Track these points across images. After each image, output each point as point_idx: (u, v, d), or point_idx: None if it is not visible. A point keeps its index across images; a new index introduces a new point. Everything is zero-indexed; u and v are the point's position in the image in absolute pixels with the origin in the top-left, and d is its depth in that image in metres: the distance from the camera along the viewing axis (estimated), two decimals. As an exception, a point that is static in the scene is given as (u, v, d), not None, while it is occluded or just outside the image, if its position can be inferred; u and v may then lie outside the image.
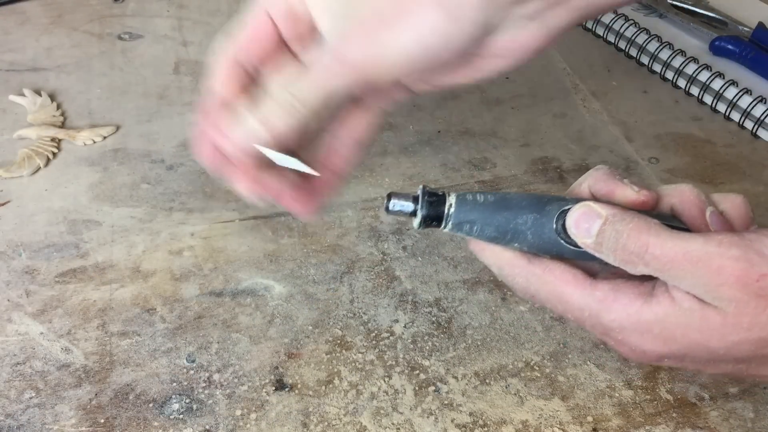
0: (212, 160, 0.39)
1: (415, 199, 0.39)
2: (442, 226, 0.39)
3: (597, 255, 0.38)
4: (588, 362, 0.53)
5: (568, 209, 0.38)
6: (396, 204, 0.40)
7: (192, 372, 0.51)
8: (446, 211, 0.39)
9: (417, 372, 0.52)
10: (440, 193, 0.39)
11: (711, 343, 0.36)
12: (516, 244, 0.39)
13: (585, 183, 0.41)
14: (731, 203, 0.40)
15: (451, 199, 0.39)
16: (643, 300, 0.37)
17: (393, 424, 0.49)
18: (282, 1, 0.38)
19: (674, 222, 0.40)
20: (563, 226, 0.38)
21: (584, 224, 0.37)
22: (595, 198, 0.41)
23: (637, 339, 0.37)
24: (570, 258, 0.39)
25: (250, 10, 0.40)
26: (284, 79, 0.36)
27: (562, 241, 0.38)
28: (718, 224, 0.39)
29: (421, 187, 0.40)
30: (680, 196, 0.40)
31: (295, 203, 0.41)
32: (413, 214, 0.40)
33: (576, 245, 0.38)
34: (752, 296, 0.34)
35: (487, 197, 0.39)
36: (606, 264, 0.38)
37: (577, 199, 0.39)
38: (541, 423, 0.49)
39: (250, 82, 0.39)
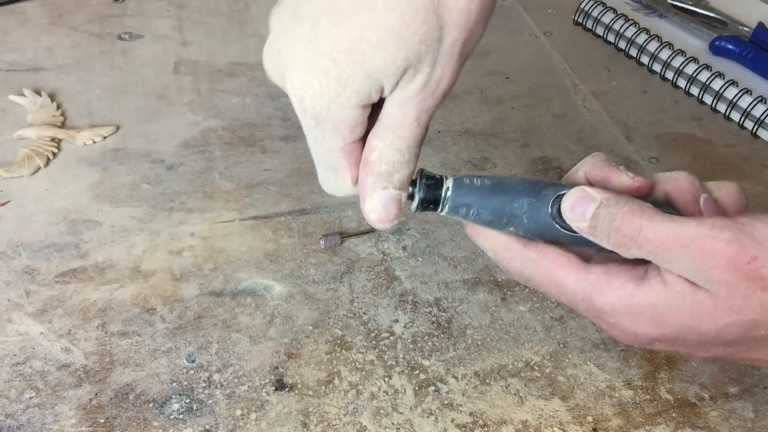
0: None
1: (413, 183, 0.40)
2: (439, 209, 0.40)
3: (591, 239, 0.38)
4: (588, 362, 0.53)
5: (564, 194, 0.38)
6: None
7: (192, 372, 0.51)
8: (443, 194, 0.39)
9: (417, 372, 0.52)
10: (438, 177, 0.39)
11: (702, 326, 0.36)
12: (512, 228, 0.40)
13: (581, 169, 0.42)
14: (725, 191, 0.41)
15: (448, 183, 0.39)
16: (636, 283, 0.37)
17: (393, 424, 0.49)
18: (355, 127, 0.39)
19: (668, 209, 0.40)
20: (558, 210, 0.38)
21: (579, 208, 0.37)
22: (590, 184, 0.41)
23: (629, 322, 0.38)
24: (565, 243, 0.40)
25: (331, 157, 0.41)
26: (387, 143, 0.39)
27: (557, 226, 0.39)
28: (712, 211, 0.40)
29: (418, 170, 0.40)
30: (675, 182, 0.41)
31: None
32: (411, 197, 0.40)
33: (571, 230, 0.38)
34: (743, 279, 0.34)
35: (484, 181, 0.39)
36: (600, 249, 0.39)
37: (573, 185, 0.39)
38: (541, 423, 0.49)
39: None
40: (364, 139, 0.40)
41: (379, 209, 0.39)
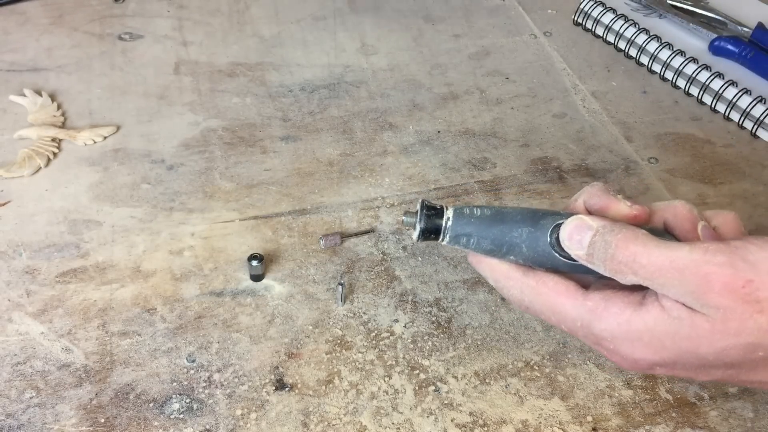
0: None
1: (414, 213, 0.41)
2: (440, 239, 0.41)
3: (589, 266, 0.39)
4: (588, 362, 0.53)
5: (562, 223, 0.39)
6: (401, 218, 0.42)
7: (192, 372, 0.51)
8: (444, 224, 0.40)
9: (417, 372, 0.52)
10: (438, 207, 0.41)
11: (700, 350, 0.36)
12: (511, 257, 0.41)
13: (580, 198, 0.43)
14: (723, 219, 0.41)
15: (449, 213, 0.40)
16: (633, 309, 0.38)
17: (393, 423, 0.49)
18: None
19: (667, 236, 0.41)
20: (557, 239, 0.39)
21: (576, 236, 0.38)
22: (589, 213, 0.42)
23: (627, 347, 0.38)
24: (564, 270, 0.40)
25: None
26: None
27: (556, 254, 0.40)
28: (710, 238, 0.40)
29: (420, 201, 0.41)
30: (673, 210, 0.41)
31: None
32: (412, 227, 0.41)
33: (569, 258, 0.39)
34: (739, 302, 0.35)
35: (484, 211, 0.40)
36: (599, 276, 0.39)
37: (571, 214, 0.40)
38: (540, 423, 0.49)
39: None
40: None
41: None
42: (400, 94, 0.77)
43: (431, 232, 0.41)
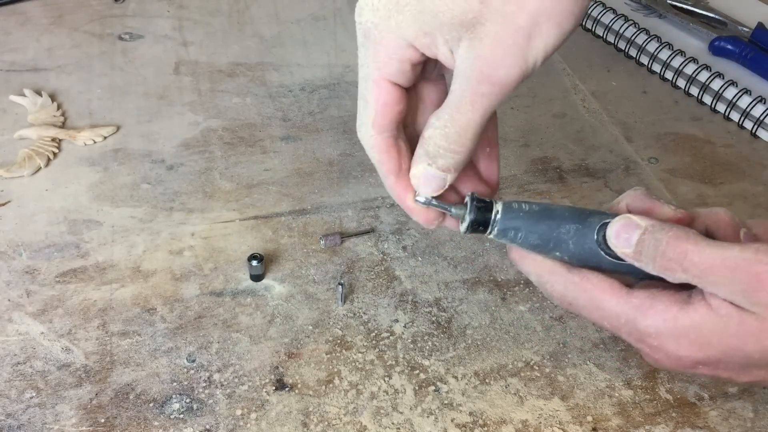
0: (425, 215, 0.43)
1: (464, 205, 0.42)
2: (488, 231, 0.41)
3: (636, 264, 0.39)
4: (588, 362, 0.53)
5: (609, 221, 0.40)
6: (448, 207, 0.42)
7: (192, 372, 0.51)
8: (493, 217, 0.41)
9: (417, 372, 0.52)
10: (487, 200, 0.41)
11: (747, 348, 0.37)
12: (557, 253, 0.41)
13: (623, 202, 0.43)
14: (764, 228, 0.42)
15: (498, 207, 0.41)
16: (680, 306, 0.38)
17: (393, 423, 0.49)
18: (393, 62, 0.40)
19: None
20: (604, 237, 0.40)
21: (624, 234, 0.39)
22: None
23: (673, 345, 0.39)
24: (608, 269, 0.41)
25: (364, 86, 0.41)
26: (440, 124, 0.39)
27: (602, 252, 0.40)
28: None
29: (469, 193, 0.42)
30: (715, 217, 0.42)
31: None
32: (461, 219, 0.42)
33: (615, 256, 0.40)
34: None
35: (532, 206, 0.41)
36: (641, 278, 0.40)
37: (617, 213, 0.41)
38: (540, 423, 0.49)
39: (401, 142, 0.42)
40: (405, 93, 0.40)
41: (419, 179, 0.41)
42: (400, 94, 0.77)
43: (480, 224, 0.41)
